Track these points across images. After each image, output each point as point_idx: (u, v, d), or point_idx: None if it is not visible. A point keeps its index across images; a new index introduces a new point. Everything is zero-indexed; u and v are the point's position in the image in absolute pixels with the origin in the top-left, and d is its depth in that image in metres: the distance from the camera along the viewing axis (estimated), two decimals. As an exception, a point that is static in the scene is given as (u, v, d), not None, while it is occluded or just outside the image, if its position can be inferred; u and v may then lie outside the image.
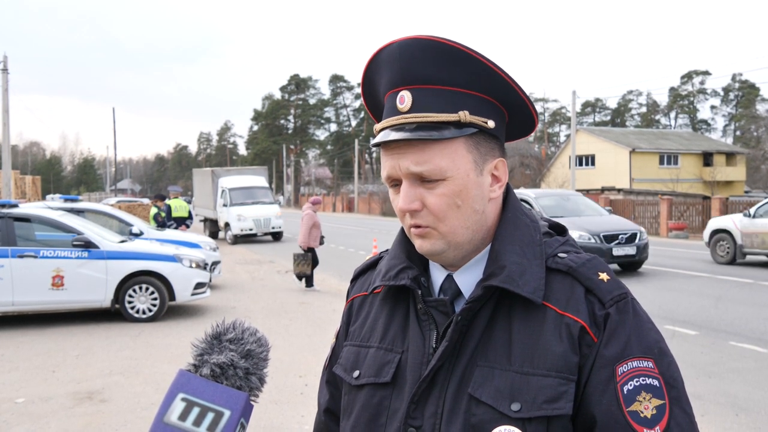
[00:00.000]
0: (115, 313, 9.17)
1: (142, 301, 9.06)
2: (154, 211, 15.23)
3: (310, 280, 11.84)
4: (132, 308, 9.03)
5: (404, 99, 1.03)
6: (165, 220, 14.87)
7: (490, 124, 1.04)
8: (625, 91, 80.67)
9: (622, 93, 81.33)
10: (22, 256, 8.61)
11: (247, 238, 23.97)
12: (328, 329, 8.24)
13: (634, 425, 0.94)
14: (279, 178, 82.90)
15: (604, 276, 1.03)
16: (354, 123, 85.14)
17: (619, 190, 32.16)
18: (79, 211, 12.02)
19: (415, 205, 1.03)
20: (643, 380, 0.96)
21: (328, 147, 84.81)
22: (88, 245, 8.85)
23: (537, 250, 1.05)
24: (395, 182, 1.06)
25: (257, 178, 25.45)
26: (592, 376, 0.97)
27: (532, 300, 1.00)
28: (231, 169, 30.40)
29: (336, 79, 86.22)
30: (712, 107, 78.35)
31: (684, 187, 39.69)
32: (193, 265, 9.42)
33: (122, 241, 9.65)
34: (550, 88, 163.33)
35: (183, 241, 11.96)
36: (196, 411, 0.86)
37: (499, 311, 1.03)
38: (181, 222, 15.14)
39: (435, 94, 1.02)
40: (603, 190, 33.92)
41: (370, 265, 1.25)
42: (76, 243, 8.80)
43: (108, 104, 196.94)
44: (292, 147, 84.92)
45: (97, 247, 8.90)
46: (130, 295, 9.03)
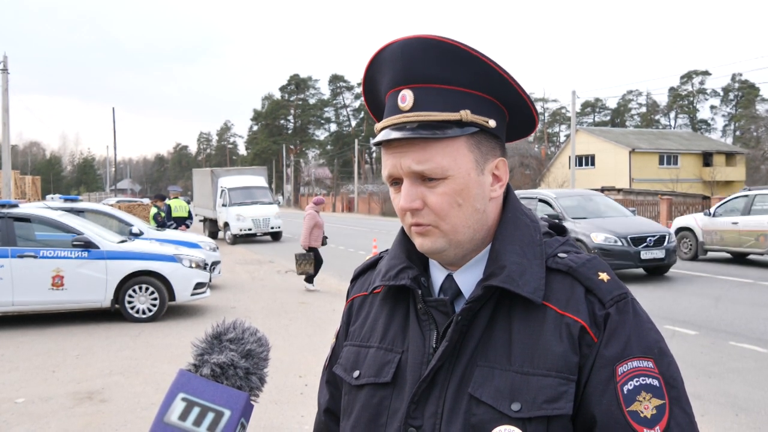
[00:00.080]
0: (115, 313, 9.17)
1: (142, 301, 9.06)
2: (154, 211, 15.24)
3: (308, 279, 11.83)
4: (132, 308, 9.03)
5: (406, 98, 1.03)
6: (165, 220, 14.87)
7: (492, 123, 1.04)
8: (625, 91, 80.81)
9: (622, 93, 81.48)
10: (22, 256, 8.61)
11: (247, 238, 23.97)
12: (328, 329, 8.23)
13: (634, 425, 0.94)
14: (279, 178, 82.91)
15: (604, 276, 1.03)
16: (354, 123, 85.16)
17: (619, 190, 32.13)
18: (79, 211, 12.01)
19: (416, 204, 1.03)
20: (643, 380, 0.96)
21: (328, 147, 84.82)
22: (88, 245, 8.85)
23: (537, 250, 1.05)
24: (396, 181, 1.06)
25: (256, 178, 25.46)
26: (592, 376, 0.97)
27: (532, 300, 1.00)
28: (231, 169, 30.42)
29: (336, 79, 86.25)
30: (712, 107, 78.42)
31: (684, 187, 39.68)
32: (193, 265, 9.42)
33: (122, 241, 9.65)
34: (550, 88, 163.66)
35: (183, 241, 11.96)
36: (196, 411, 0.86)
37: (500, 311, 1.03)
38: (181, 222, 15.14)
39: (437, 93, 1.02)
40: (603, 191, 33.86)
41: (370, 265, 1.25)
42: (76, 243, 8.80)
43: (108, 104, 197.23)
44: (292, 147, 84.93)
45: (97, 247, 8.90)
46: (130, 295, 9.03)
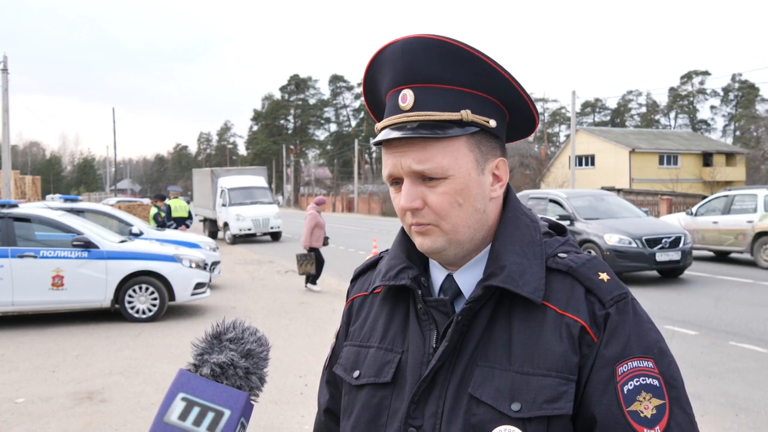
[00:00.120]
0: (115, 313, 9.17)
1: (142, 301, 9.06)
2: (154, 211, 15.24)
3: (309, 279, 11.83)
4: (132, 308, 9.02)
5: (406, 97, 1.03)
6: (165, 220, 14.87)
7: (492, 123, 1.04)
8: (625, 91, 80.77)
9: (622, 93, 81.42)
10: (22, 256, 8.61)
11: (246, 238, 23.97)
12: (328, 329, 8.23)
13: (634, 425, 0.94)
14: (279, 178, 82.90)
15: (604, 276, 1.03)
16: (354, 123, 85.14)
17: (619, 191, 32.08)
18: (79, 211, 12.02)
19: (416, 204, 1.03)
20: (643, 380, 0.96)
21: (328, 147, 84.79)
22: (88, 245, 8.85)
23: (537, 250, 1.05)
24: (396, 181, 1.06)
25: (256, 178, 25.46)
26: (592, 376, 0.97)
27: (533, 300, 1.00)
28: (231, 169, 30.42)
29: (336, 79, 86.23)
30: (712, 107, 78.37)
31: (684, 187, 39.66)
32: (193, 265, 9.42)
33: (122, 241, 9.65)
34: (550, 88, 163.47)
35: (183, 241, 11.97)
36: (196, 410, 0.86)
37: (500, 311, 1.03)
38: (181, 222, 15.15)
39: (437, 93, 1.02)
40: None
41: (370, 265, 1.25)
42: (76, 243, 8.80)
43: (108, 104, 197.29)
44: (292, 147, 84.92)
45: (97, 247, 8.90)
46: (130, 295, 9.03)
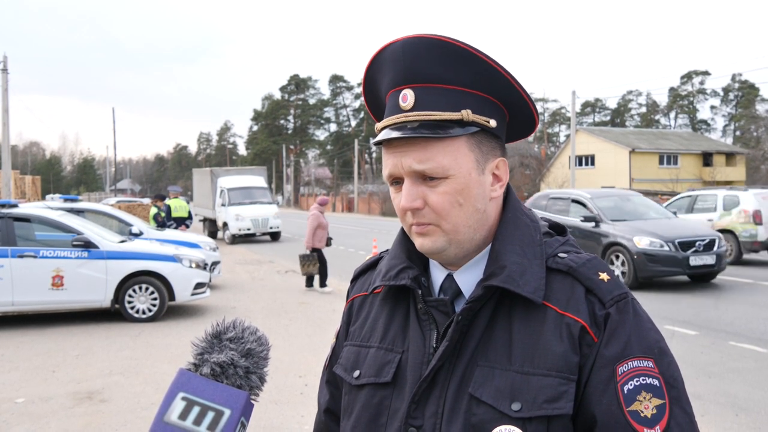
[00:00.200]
0: (115, 313, 9.17)
1: (142, 301, 9.06)
2: (154, 211, 15.24)
3: (310, 280, 11.83)
4: (132, 308, 9.02)
5: (407, 97, 1.03)
6: (165, 220, 14.87)
7: (492, 123, 1.04)
8: (625, 91, 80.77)
9: (622, 93, 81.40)
10: (22, 256, 8.61)
11: (246, 238, 23.98)
12: (328, 329, 8.23)
13: (635, 425, 0.94)
14: (279, 178, 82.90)
15: (605, 276, 1.03)
16: (354, 123, 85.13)
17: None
18: (79, 211, 12.02)
19: (417, 204, 1.03)
20: (643, 380, 0.96)
21: (328, 147, 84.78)
22: (87, 245, 8.85)
23: (537, 250, 1.05)
24: (397, 181, 1.06)
25: (256, 178, 25.47)
26: (593, 376, 0.97)
27: (533, 300, 1.00)
28: (230, 169, 30.44)
29: (336, 79, 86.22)
30: (712, 107, 78.38)
31: (684, 188, 39.53)
32: (193, 265, 9.42)
33: (122, 241, 9.65)
34: (550, 88, 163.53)
35: (183, 241, 11.96)
36: (196, 410, 0.86)
37: (500, 311, 1.03)
38: (181, 222, 15.15)
39: (438, 93, 1.02)
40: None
41: (370, 265, 1.25)
42: (75, 243, 8.80)
43: (108, 104, 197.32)
44: (292, 147, 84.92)
45: (96, 247, 8.90)
46: (130, 295, 9.03)
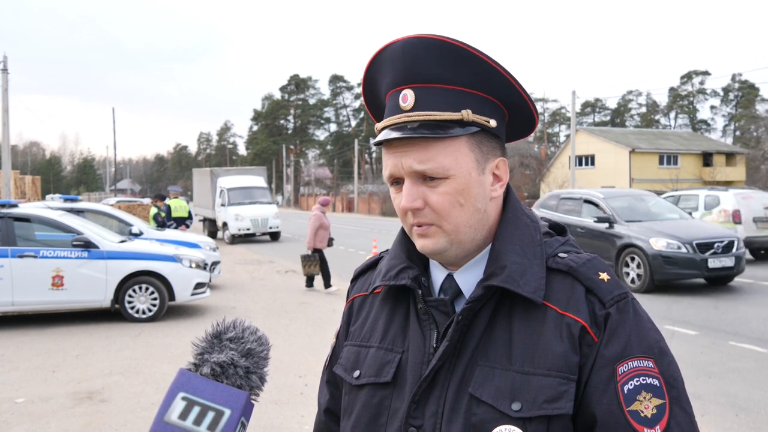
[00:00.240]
0: (115, 313, 9.17)
1: (142, 301, 9.06)
2: (154, 211, 15.24)
3: (311, 281, 11.82)
4: (132, 308, 9.02)
5: (407, 97, 1.02)
6: (165, 220, 14.87)
7: (492, 123, 1.04)
8: (625, 91, 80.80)
9: (622, 93, 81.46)
10: (22, 256, 8.61)
11: (246, 238, 23.99)
12: (328, 329, 8.23)
13: (635, 425, 0.94)
14: (279, 178, 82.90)
15: (605, 276, 1.03)
16: (354, 123, 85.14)
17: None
18: (79, 211, 12.02)
19: (417, 204, 1.03)
20: (643, 380, 0.96)
21: (328, 147, 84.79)
22: (87, 245, 8.85)
23: (537, 250, 1.05)
24: (397, 181, 1.06)
25: (255, 178, 25.48)
26: (593, 376, 0.97)
27: (533, 300, 1.00)
28: (230, 169, 30.45)
29: (336, 79, 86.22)
30: (712, 107, 78.41)
31: (684, 187, 39.66)
32: (193, 265, 9.42)
33: (122, 241, 9.65)
34: (550, 88, 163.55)
35: (183, 241, 11.96)
36: (196, 410, 0.86)
37: (500, 311, 1.03)
38: (181, 222, 15.14)
39: (438, 93, 1.02)
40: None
41: (371, 265, 1.25)
42: (75, 243, 8.80)
43: (108, 104, 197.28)
44: (292, 147, 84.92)
45: (96, 247, 8.90)
46: (130, 295, 9.03)
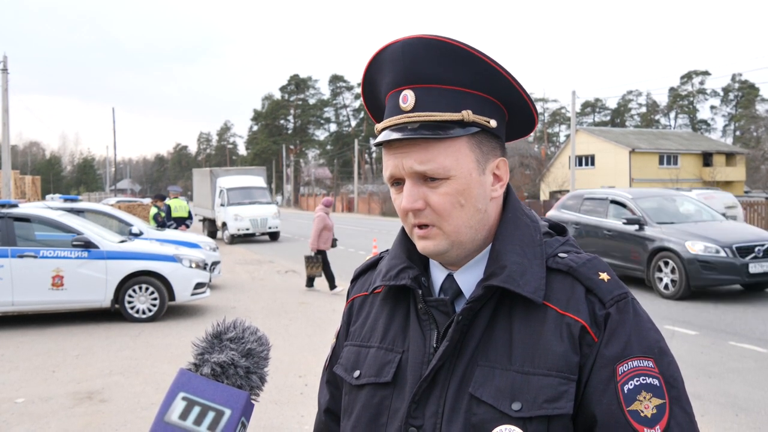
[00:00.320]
0: (115, 313, 9.17)
1: (142, 301, 9.06)
2: (154, 211, 15.23)
3: (311, 281, 11.81)
4: (132, 308, 9.02)
5: (407, 98, 1.02)
6: (165, 220, 14.87)
7: (493, 123, 1.04)
8: (625, 91, 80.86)
9: (622, 93, 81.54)
10: (22, 256, 8.61)
11: (245, 238, 23.99)
12: (328, 329, 8.23)
13: (635, 424, 0.94)
14: (279, 178, 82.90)
15: (605, 276, 1.03)
16: (354, 123, 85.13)
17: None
18: (79, 211, 12.01)
19: (418, 204, 1.03)
20: (643, 380, 0.96)
21: (328, 147, 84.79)
22: (87, 245, 8.85)
23: (537, 250, 1.05)
24: (398, 182, 1.06)
25: (255, 178, 25.48)
26: (593, 376, 0.97)
27: (533, 300, 1.01)
28: (230, 169, 30.45)
29: (336, 79, 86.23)
30: (712, 107, 78.45)
31: (684, 188, 39.67)
32: (193, 265, 9.42)
33: (122, 241, 9.65)
34: (550, 88, 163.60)
35: (183, 241, 11.96)
36: (196, 410, 0.86)
37: (500, 311, 1.03)
38: (181, 222, 15.14)
39: (438, 94, 1.02)
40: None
41: (371, 265, 1.25)
42: (75, 243, 8.80)
43: (108, 104, 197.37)
44: (292, 147, 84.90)
45: (96, 247, 8.90)
46: (130, 295, 9.02)
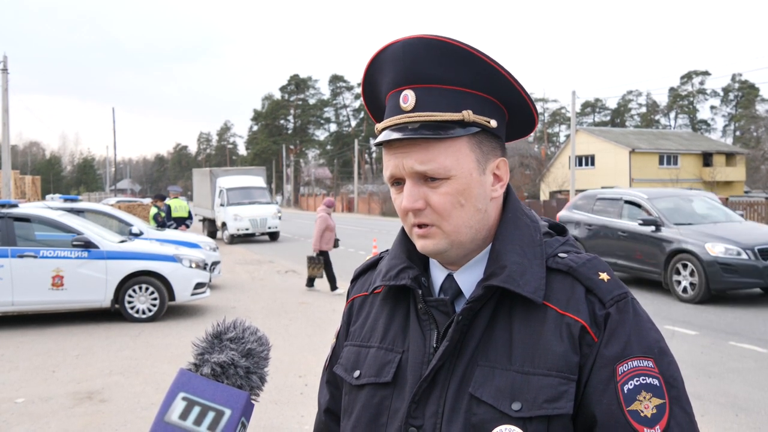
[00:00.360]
0: (115, 313, 9.17)
1: (142, 301, 9.06)
2: (154, 211, 15.22)
3: (311, 281, 11.81)
4: (132, 308, 9.02)
5: (408, 98, 1.02)
6: (165, 220, 14.86)
7: (493, 123, 1.04)
8: (625, 92, 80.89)
9: (622, 93, 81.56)
10: (22, 256, 8.61)
11: (245, 238, 24.00)
12: (328, 329, 8.23)
13: (635, 424, 0.94)
14: (279, 179, 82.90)
15: (605, 276, 1.03)
16: (354, 123, 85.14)
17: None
18: (79, 211, 12.01)
19: (419, 204, 1.03)
20: (643, 380, 0.96)
21: (328, 147, 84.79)
22: (87, 245, 8.85)
23: (537, 250, 1.05)
24: (398, 181, 1.06)
25: (255, 178, 25.49)
26: (593, 376, 0.97)
27: (533, 300, 1.01)
28: (230, 169, 30.45)
29: (336, 79, 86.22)
30: (712, 107, 78.45)
31: (684, 187, 39.68)
32: (193, 265, 9.42)
33: (122, 241, 9.65)
34: (550, 88, 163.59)
35: (183, 241, 11.96)
36: (196, 410, 0.86)
37: (500, 311, 1.03)
38: (181, 222, 15.13)
39: (439, 94, 1.02)
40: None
41: (371, 265, 1.25)
42: (75, 243, 8.80)
43: (108, 104, 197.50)
44: (292, 147, 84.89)
45: (96, 247, 8.90)
46: (130, 295, 9.02)
